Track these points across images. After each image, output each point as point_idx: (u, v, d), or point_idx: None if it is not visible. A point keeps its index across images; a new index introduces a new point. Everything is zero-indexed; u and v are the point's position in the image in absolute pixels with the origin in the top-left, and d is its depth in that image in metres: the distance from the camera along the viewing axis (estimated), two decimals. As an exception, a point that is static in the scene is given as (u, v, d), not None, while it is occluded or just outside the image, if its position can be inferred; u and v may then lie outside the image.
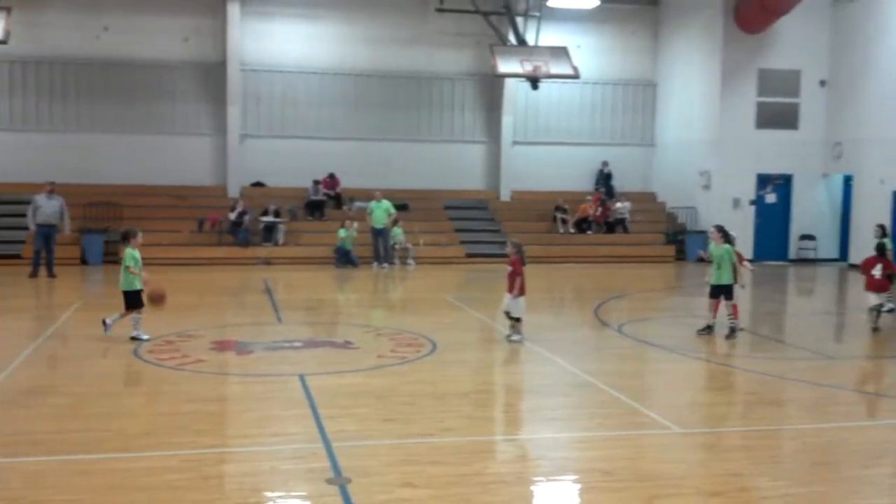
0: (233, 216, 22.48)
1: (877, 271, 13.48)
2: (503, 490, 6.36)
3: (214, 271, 20.66)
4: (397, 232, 22.31)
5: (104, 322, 11.69)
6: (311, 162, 24.62)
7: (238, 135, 24.58)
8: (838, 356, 12.24)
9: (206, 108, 24.71)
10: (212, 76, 24.57)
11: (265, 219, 22.66)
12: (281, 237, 22.70)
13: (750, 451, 7.55)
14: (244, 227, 22.41)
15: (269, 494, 6.23)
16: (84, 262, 21.42)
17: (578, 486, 6.68)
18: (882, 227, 15.35)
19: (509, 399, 9.67)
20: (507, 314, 12.06)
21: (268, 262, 21.88)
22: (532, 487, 6.59)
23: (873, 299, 13.56)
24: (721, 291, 12.49)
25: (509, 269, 12.03)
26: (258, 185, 24.95)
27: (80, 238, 21.43)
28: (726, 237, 12.62)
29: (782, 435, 8.18)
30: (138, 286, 11.65)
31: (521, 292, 11.92)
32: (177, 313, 13.45)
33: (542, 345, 11.84)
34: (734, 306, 12.64)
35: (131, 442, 7.29)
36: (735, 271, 12.50)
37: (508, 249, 12.37)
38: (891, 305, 14.65)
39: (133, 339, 11.44)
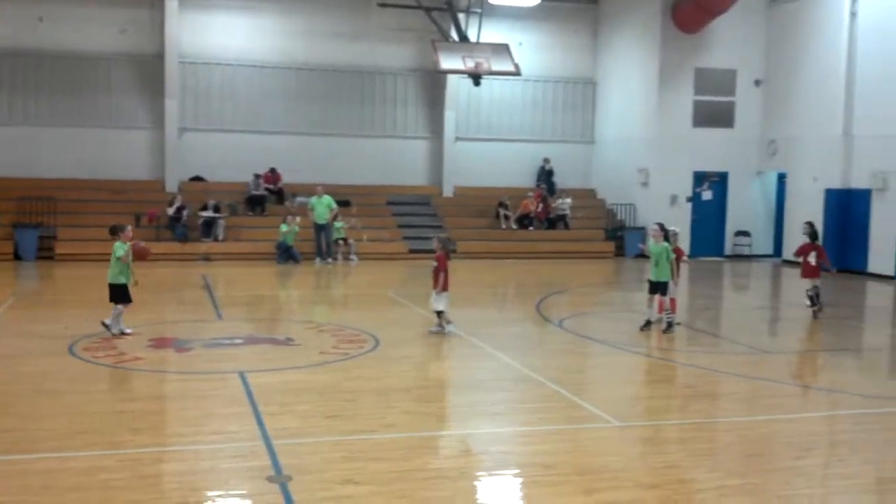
0: (171, 211, 22.13)
1: (811, 258, 14.27)
2: (445, 485, 6.39)
3: (152, 267, 20.22)
4: (339, 226, 22.21)
5: (104, 323, 11.43)
6: (251, 156, 24.36)
7: (176, 128, 24.20)
8: (772, 350, 12.54)
9: (144, 101, 24.28)
10: (149, 68, 24.13)
11: (204, 214, 22.35)
12: (221, 232, 22.43)
13: (687, 443, 7.70)
14: (183, 222, 22.08)
15: (208, 493, 6.16)
16: (17, 257, 20.89)
17: (519, 480, 6.75)
18: (810, 223, 15.80)
19: (451, 394, 9.70)
20: (440, 312, 12.05)
21: (207, 257, 21.59)
22: (474, 482, 6.62)
23: (807, 284, 14.35)
24: (658, 288, 12.69)
25: (434, 264, 12.01)
26: (197, 179, 24.60)
27: (14, 233, 20.89)
28: (665, 235, 12.82)
29: (718, 427, 8.36)
30: (124, 280, 11.46)
31: (445, 288, 11.89)
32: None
33: (484, 340, 11.90)
34: (672, 300, 12.87)
35: (66, 441, 7.14)
36: (673, 268, 12.69)
37: (434, 245, 12.29)
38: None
39: (108, 330, 11.30)
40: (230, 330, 12.38)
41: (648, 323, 12.87)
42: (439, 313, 11.98)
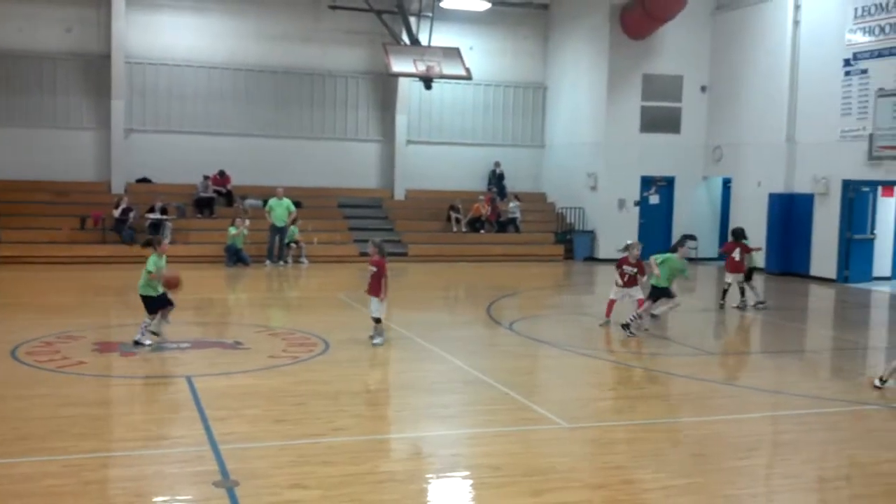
0: (117, 213, 21.79)
1: (736, 254, 15.53)
2: (394, 488, 6.39)
3: (98, 270, 19.97)
4: (293, 230, 22.07)
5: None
6: (200, 158, 24.09)
7: (123, 129, 23.84)
8: (717, 352, 12.76)
9: (90, 102, 23.87)
10: (95, 68, 23.74)
11: (151, 216, 22.04)
12: (168, 235, 22.10)
13: (634, 444, 7.79)
14: (129, 224, 21.75)
15: (153, 499, 6.08)
16: (-44, 260, 20.38)
17: (468, 482, 6.77)
18: (741, 230, 16.59)
19: (401, 397, 9.70)
20: (378, 319, 11.61)
21: (154, 260, 21.25)
22: (423, 485, 6.64)
23: (732, 278, 15.61)
24: (662, 293, 13.03)
25: (373, 269, 11.53)
26: (144, 181, 24.25)
27: (-48, 235, 20.40)
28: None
29: (664, 428, 8.47)
30: (153, 292, 11.34)
31: (378, 293, 11.48)
32: (57, 314, 12.95)
33: (435, 343, 11.92)
34: (640, 301, 13.09)
35: (8, 447, 6.99)
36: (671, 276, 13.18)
37: (370, 249, 11.86)
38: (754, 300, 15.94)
39: (136, 342, 11.10)
40: (177, 334, 12.21)
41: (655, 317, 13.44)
42: (378, 320, 11.61)
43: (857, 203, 20.89)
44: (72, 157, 23.69)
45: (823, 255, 21.21)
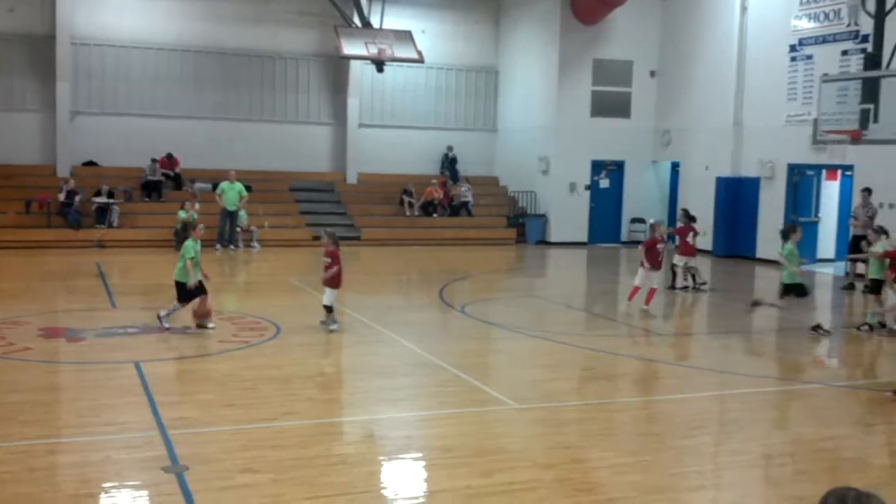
0: (62, 197, 21.37)
1: (689, 238, 15.80)
2: (346, 471, 6.40)
3: (43, 255, 19.60)
4: (242, 214, 21.85)
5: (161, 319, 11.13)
6: (147, 141, 23.70)
7: (68, 111, 23.34)
8: (665, 333, 12.95)
9: (34, 83, 23.32)
10: (40, 50, 23.18)
11: (98, 199, 21.66)
12: (115, 219, 21.78)
13: (583, 424, 7.90)
14: (75, 208, 21.36)
15: (101, 485, 6.01)
16: None
17: (420, 463, 6.81)
18: (685, 210, 16.83)
19: (353, 381, 9.70)
20: (328, 307, 11.45)
21: (101, 244, 20.95)
22: (375, 467, 6.65)
23: (683, 260, 15.85)
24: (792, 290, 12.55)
25: (327, 260, 11.39)
26: (90, 164, 23.80)
27: None
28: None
29: (613, 408, 8.60)
30: (187, 280, 11.11)
31: (337, 285, 11.38)
32: (2, 299, 12.70)
33: (387, 326, 11.93)
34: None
35: (-51, 436, 6.86)
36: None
37: (324, 240, 11.74)
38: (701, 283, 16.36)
39: (159, 317, 11.15)
40: (125, 319, 12.06)
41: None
42: (330, 309, 11.49)
43: (801, 186, 21.32)
44: (16, 139, 23.15)
45: (769, 237, 21.54)
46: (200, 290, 11.22)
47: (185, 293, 11.18)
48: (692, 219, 16.39)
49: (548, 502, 5.86)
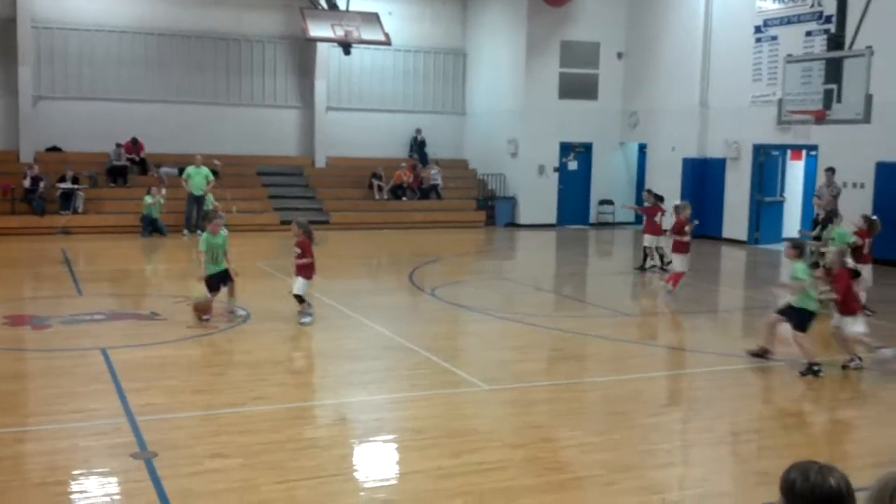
0: (27, 183, 21.06)
1: (657, 218, 15.91)
2: (317, 454, 6.41)
3: (7, 242, 19.31)
4: (209, 199, 21.65)
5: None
6: (112, 125, 23.37)
7: (31, 96, 22.96)
8: (633, 313, 13.06)
9: (-6, 67, 22.91)
10: (1, 33, 22.74)
11: (62, 185, 21.37)
12: (80, 205, 21.50)
13: (552, 404, 7.96)
14: (40, 194, 21.06)
15: (69, 472, 5.96)
16: None
17: (391, 445, 6.83)
18: (649, 190, 17.02)
19: (323, 365, 9.69)
20: (298, 297, 11.20)
21: (67, 231, 20.68)
22: (345, 450, 6.66)
23: (653, 241, 16.00)
24: None
25: (297, 251, 11.14)
26: (54, 149, 23.45)
27: None
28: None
29: (582, 388, 8.68)
30: (212, 270, 11.10)
31: (307, 274, 11.17)
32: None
33: (357, 310, 11.91)
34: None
35: (-88, 426, 6.77)
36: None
37: (294, 230, 11.46)
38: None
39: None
40: (91, 306, 11.93)
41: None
42: (301, 299, 11.24)
43: (767, 167, 21.54)
44: (-24, 125, 22.75)
45: (735, 217, 21.84)
46: (223, 278, 11.20)
47: (210, 283, 11.12)
48: (659, 198, 16.53)
49: (518, 481, 5.91)
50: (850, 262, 10.01)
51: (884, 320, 12.05)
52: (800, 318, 9.05)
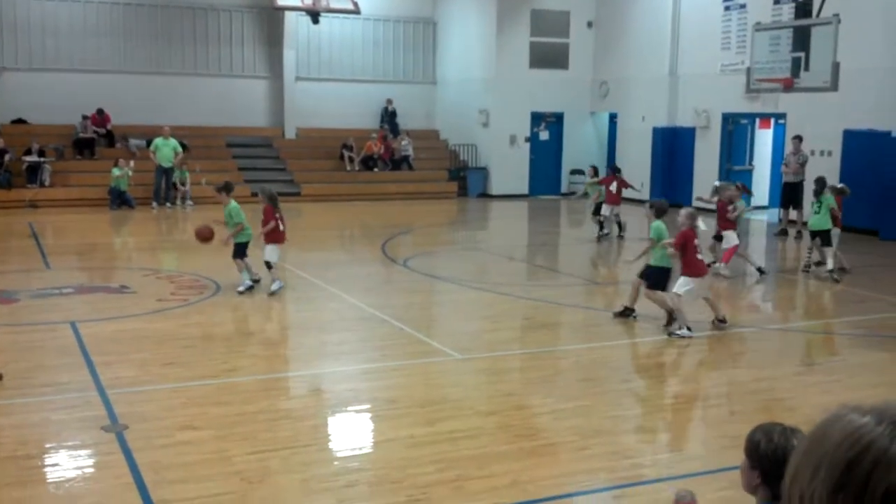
0: (-10, 156, 20.71)
1: (613, 187, 16.29)
2: (290, 425, 6.41)
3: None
4: (184, 173, 21.43)
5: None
6: (77, 97, 22.98)
7: (-7, 68, 22.54)
8: (603, 282, 13.14)
9: (-47, 38, 22.42)
10: (-42, 2, 22.26)
11: (28, 158, 21.03)
12: (47, 178, 21.19)
13: (524, 372, 8.02)
14: (5, 167, 20.71)
15: (39, 445, 5.93)
16: None
17: (364, 415, 6.85)
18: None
19: (296, 336, 9.67)
20: (267, 263, 11.18)
21: (33, 204, 20.39)
22: (319, 421, 6.68)
23: (610, 209, 16.39)
24: (819, 236, 12.58)
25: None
26: (19, 122, 23.05)
27: None
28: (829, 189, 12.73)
29: (553, 356, 8.73)
30: (244, 238, 11.13)
31: (275, 241, 11.16)
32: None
33: (329, 282, 11.88)
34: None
35: None
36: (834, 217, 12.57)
37: (259, 197, 11.52)
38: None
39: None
40: (59, 279, 11.80)
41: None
42: (268, 265, 11.15)
43: (736, 135, 21.65)
44: (-63, 97, 22.31)
45: (705, 186, 21.85)
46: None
47: (237, 250, 11.18)
48: (616, 170, 17.12)
49: (491, 448, 5.95)
50: (702, 226, 10.20)
51: (856, 287, 12.24)
52: (657, 276, 9.49)
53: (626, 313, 9.81)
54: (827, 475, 0.98)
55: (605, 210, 16.56)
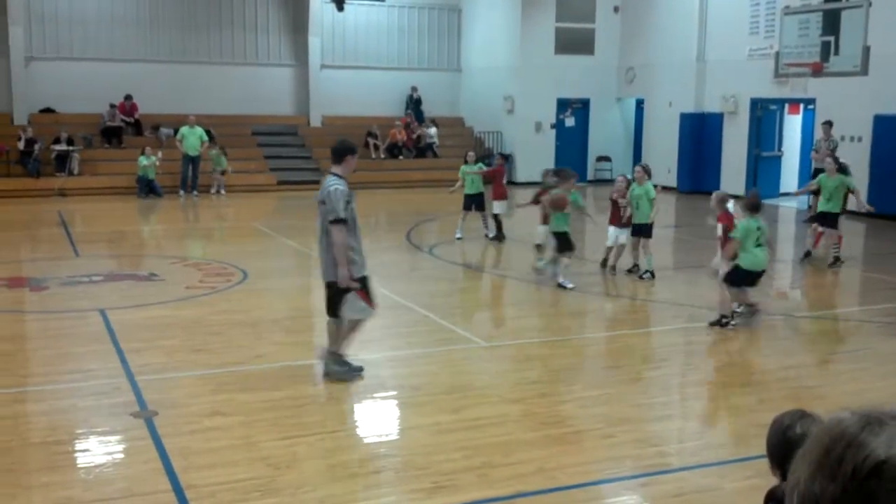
0: (21, 145, 20.93)
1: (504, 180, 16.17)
2: (316, 411, 6.45)
3: (3, 204, 19.24)
4: (223, 161, 21.58)
5: None
6: (105, 86, 23.14)
7: (23, 57, 22.71)
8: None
9: (-17, 28, 22.64)
10: (-13, -8, 22.46)
11: (57, 147, 21.25)
12: (76, 166, 21.40)
13: (549, 359, 7.99)
14: (35, 156, 20.94)
15: (70, 431, 6.01)
16: None
17: (390, 402, 6.87)
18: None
19: (322, 324, 9.66)
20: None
21: (62, 193, 20.61)
22: (344, 407, 6.71)
23: (501, 207, 15.56)
24: (825, 218, 12.51)
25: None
26: (48, 111, 23.28)
27: None
28: (841, 168, 12.59)
29: (579, 343, 8.71)
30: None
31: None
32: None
33: (353, 269, 11.88)
34: (839, 237, 12.66)
35: (-87, 388, 6.79)
36: (845, 201, 12.48)
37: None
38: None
39: None
40: (89, 267, 11.92)
41: (808, 254, 12.93)
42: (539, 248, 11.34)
43: (764, 121, 21.41)
44: (-32, 87, 22.55)
45: (733, 172, 21.74)
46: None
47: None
48: (505, 158, 16.84)
49: (516, 436, 5.95)
50: (731, 208, 9.87)
51: (885, 273, 12.10)
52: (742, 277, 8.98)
53: (724, 322, 8.89)
54: (811, 459, 1.18)
55: (498, 208, 15.06)
